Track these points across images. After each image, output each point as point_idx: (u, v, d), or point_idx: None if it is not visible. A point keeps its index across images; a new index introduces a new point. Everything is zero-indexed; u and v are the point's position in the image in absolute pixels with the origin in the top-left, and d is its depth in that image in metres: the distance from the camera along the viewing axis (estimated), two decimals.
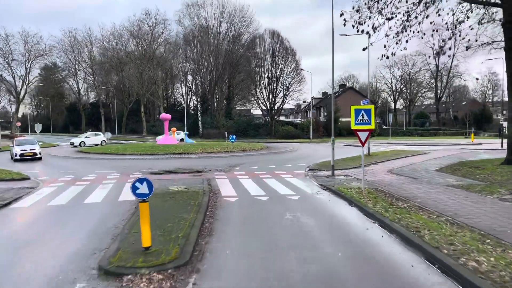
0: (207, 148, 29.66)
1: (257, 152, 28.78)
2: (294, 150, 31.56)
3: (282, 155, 27.91)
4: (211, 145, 32.33)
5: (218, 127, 60.28)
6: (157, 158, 24.91)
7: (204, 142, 37.02)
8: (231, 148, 29.72)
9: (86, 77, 75.52)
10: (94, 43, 72.01)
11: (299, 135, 55.32)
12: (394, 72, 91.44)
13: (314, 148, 35.46)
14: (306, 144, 41.68)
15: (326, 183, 14.55)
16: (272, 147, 34.75)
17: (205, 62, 62.70)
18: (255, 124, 60.24)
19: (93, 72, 73.91)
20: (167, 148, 29.38)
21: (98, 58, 72.36)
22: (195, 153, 27.18)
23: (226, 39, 63.58)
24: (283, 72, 54.76)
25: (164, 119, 34.83)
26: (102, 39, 69.49)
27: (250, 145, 33.87)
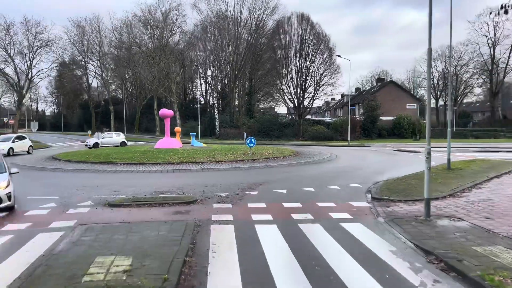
0: (216, 155, 22.15)
1: (284, 162, 21.03)
2: (334, 159, 23.62)
3: (319, 166, 20.04)
4: (223, 151, 24.82)
5: (238, 126, 52.89)
6: (142, 170, 17.56)
7: (216, 146, 29.51)
8: (249, 155, 22.11)
9: (95, 70, 69.53)
10: (103, 32, 65.98)
11: (332, 136, 47.18)
12: (436, 65, 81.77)
13: (358, 154, 27.40)
14: (344, 149, 33.58)
15: (432, 244, 6.92)
16: (303, 152, 26.95)
17: (224, 53, 55.37)
18: (280, 123, 52.45)
19: (101, 65, 67.82)
20: (164, 154, 22.07)
21: (108, 49, 66.21)
22: (199, 163, 19.71)
23: (248, 26, 56.04)
24: (314, 62, 46.75)
25: (163, 116, 27.47)
26: (112, 29, 63.28)
27: (274, 150, 26.19)
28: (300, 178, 15.53)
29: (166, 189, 13.05)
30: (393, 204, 10.95)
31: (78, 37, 64.03)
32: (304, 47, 46.10)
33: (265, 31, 55.78)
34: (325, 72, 46.68)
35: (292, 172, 17.40)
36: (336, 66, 47.12)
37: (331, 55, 46.55)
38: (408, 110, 56.36)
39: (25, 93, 59.49)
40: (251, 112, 55.37)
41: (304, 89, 47.53)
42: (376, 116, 49.92)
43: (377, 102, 50.40)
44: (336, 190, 13.04)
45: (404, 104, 57.05)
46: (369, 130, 49.35)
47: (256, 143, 22.54)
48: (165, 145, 25.83)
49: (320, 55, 46.35)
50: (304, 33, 45.74)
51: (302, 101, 48.60)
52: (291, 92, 48.42)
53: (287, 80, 48.19)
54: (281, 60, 48.62)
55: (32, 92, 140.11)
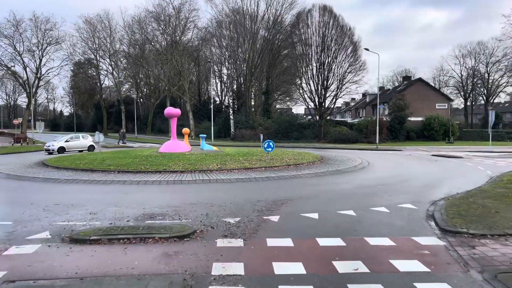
0: (228, 161, 18.92)
1: (308, 170, 17.65)
2: (366, 166, 20.10)
3: (353, 176, 16.59)
4: (237, 156, 21.59)
5: (254, 127, 49.68)
6: (137, 181, 14.45)
7: (229, 150, 26.26)
8: (267, 162, 18.81)
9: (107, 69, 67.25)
10: (114, 29, 63.66)
11: (357, 138, 43.45)
12: (465, 63, 76.93)
13: (392, 160, 23.78)
14: (373, 153, 29.93)
15: None
16: (328, 158, 23.51)
17: (239, 50, 52.24)
18: (299, 124, 48.96)
19: (111, 63, 65.52)
20: (168, 160, 18.97)
21: (119, 47, 63.85)
22: (207, 171, 16.51)
23: (265, 22, 52.79)
24: (336, 58, 43.09)
25: (169, 116, 24.29)
26: (124, 25, 60.86)
27: (295, 155, 22.84)
28: (333, 194, 12.17)
29: (158, 210, 9.90)
30: (477, 241, 7.51)
31: (89, 35, 61.88)
32: (326, 42, 42.51)
33: (283, 26, 52.42)
34: (349, 69, 43.01)
35: (321, 185, 14.02)
36: (361, 62, 43.43)
37: (356, 50, 42.88)
38: (438, 110, 52.17)
39: (34, 92, 57.55)
40: (268, 112, 52.08)
41: (326, 86, 43.91)
42: (405, 117, 45.95)
43: (405, 101, 46.42)
44: (385, 214, 9.64)
45: (434, 103, 52.87)
46: (396, 131, 45.43)
47: (275, 147, 19.18)
48: (170, 148, 22.73)
49: (344, 50, 42.70)
50: (327, 26, 42.14)
51: (324, 100, 44.98)
52: (312, 90, 44.90)
53: (307, 78, 44.74)
54: (301, 56, 45.14)
55: (49, 92, 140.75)
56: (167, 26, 53.44)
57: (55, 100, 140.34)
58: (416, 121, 48.84)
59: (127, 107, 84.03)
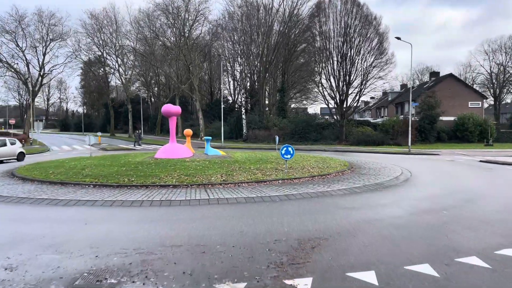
0: (236, 171, 15.11)
1: (339, 184, 13.73)
2: (409, 177, 16.04)
3: (398, 194, 12.60)
4: (248, 163, 17.75)
5: (268, 127, 45.87)
6: (111, 201, 10.73)
7: (239, 155, 22.35)
8: (285, 172, 14.95)
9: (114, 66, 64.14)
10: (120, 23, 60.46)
11: (382, 139, 39.19)
12: (495, 57, 71.60)
13: (438, 169, 19.60)
14: (408, 158, 25.75)
15: None
16: (358, 165, 19.52)
17: (253, 44, 48.39)
18: (317, 124, 44.85)
19: (117, 59, 62.33)
20: (162, 169, 15.26)
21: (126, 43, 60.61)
22: (207, 185, 12.74)
23: (280, 13, 48.88)
24: (360, 51, 38.89)
25: (168, 114, 20.36)
26: (130, 20, 57.58)
27: (318, 162, 18.94)
28: (384, 227, 8.18)
29: (117, 261, 6.13)
30: None
31: (94, 30, 58.82)
32: (348, 33, 38.34)
33: (300, 18, 48.36)
34: (374, 62, 38.75)
35: (362, 210, 10.05)
36: (388, 55, 39.08)
37: (382, 42, 38.56)
38: (470, 108, 47.45)
39: (37, 90, 54.83)
40: (284, 112, 48.14)
41: (349, 82, 39.70)
42: (436, 116, 41.43)
43: (436, 98, 41.89)
44: (487, 273, 5.65)
45: (466, 101, 48.16)
46: (426, 132, 40.95)
47: (294, 153, 15.25)
48: (168, 153, 18.98)
49: (368, 42, 38.46)
50: (349, 16, 37.96)
51: (346, 98, 40.79)
52: (332, 86, 40.70)
53: (327, 73, 40.60)
54: (320, 50, 41.04)
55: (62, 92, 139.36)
56: (176, 20, 49.92)
57: (68, 100, 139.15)
58: (447, 121, 44.24)
59: (137, 107, 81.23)
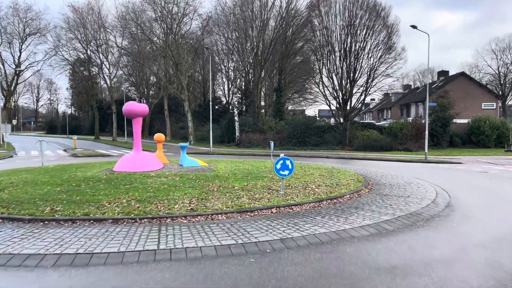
0: (214, 192, 10.92)
1: (356, 214, 9.64)
2: (448, 200, 11.90)
3: (452, 236, 8.45)
4: (232, 178, 13.55)
5: (264, 130, 41.72)
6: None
7: (223, 166, 17.96)
8: (281, 196, 10.77)
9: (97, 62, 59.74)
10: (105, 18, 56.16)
11: (391, 144, 35.09)
12: (504, 57, 67.82)
13: (472, 183, 15.42)
14: (427, 168, 21.60)
15: None
16: (374, 179, 15.39)
17: (247, 39, 44.25)
18: (317, 127, 40.70)
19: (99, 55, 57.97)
20: (109, 189, 11.07)
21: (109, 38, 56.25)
22: (164, 220, 8.55)
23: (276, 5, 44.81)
24: (366, 45, 34.81)
25: (130, 114, 15.50)
26: (117, 15, 53.30)
27: (323, 177, 14.82)
28: None
29: None
30: None
31: (77, 25, 54.48)
32: (353, 25, 34.27)
33: (298, 10, 44.33)
34: (382, 58, 34.68)
35: (416, 279, 5.83)
36: (397, 51, 35.01)
37: (390, 35, 34.50)
38: (484, 110, 43.48)
39: (13, 89, 50.45)
40: (280, 113, 43.99)
41: (353, 80, 35.60)
42: (449, 118, 37.37)
43: (450, 98, 37.86)
44: None
45: (479, 102, 44.17)
46: (438, 136, 36.88)
47: (293, 167, 11.03)
48: (130, 165, 14.67)
49: (376, 35, 34.41)
50: (355, 4, 33.92)
51: (350, 97, 36.68)
52: (335, 84, 36.58)
53: (328, 70, 36.45)
54: (321, 44, 36.94)
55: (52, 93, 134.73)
56: (163, 13, 45.70)
57: (59, 101, 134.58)
58: (459, 124, 40.24)
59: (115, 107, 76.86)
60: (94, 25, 54.14)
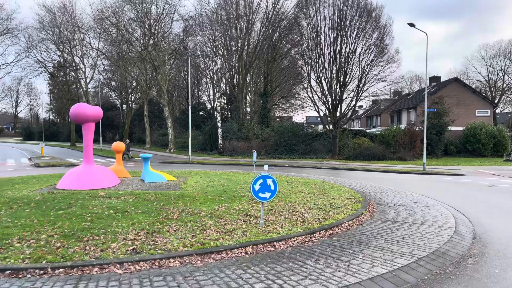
0: (172, 219, 8.35)
1: (361, 256, 7.30)
2: (474, 229, 9.49)
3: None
4: (201, 199, 10.99)
5: (249, 138, 39.25)
6: None
7: (194, 181, 15.23)
8: (260, 227, 8.23)
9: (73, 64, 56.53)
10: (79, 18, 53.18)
11: (383, 153, 32.92)
12: (493, 62, 66.89)
13: (492, 202, 13.05)
14: (429, 181, 19.32)
15: None
16: (374, 197, 13.01)
17: (231, 39, 41.83)
18: (306, 134, 38.35)
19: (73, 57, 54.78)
20: (39, 214, 8.46)
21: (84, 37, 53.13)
22: (91, 268, 5.93)
23: (262, 6, 42.65)
24: (357, 47, 32.69)
25: (79, 119, 12.34)
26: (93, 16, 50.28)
27: (315, 197, 12.45)
28: None
29: None
30: None
31: (52, 26, 51.34)
32: (343, 25, 32.14)
33: (285, 12, 42.16)
34: (374, 61, 32.56)
35: None
36: (390, 54, 32.96)
37: (383, 37, 32.46)
38: (478, 117, 41.79)
39: None
40: (266, 120, 41.56)
41: (343, 84, 33.39)
42: (444, 125, 35.45)
43: (444, 105, 35.96)
44: None
45: (473, 109, 42.50)
46: (433, 144, 34.87)
47: (276, 188, 8.49)
48: (77, 182, 11.92)
49: (367, 37, 32.31)
50: (345, 3, 31.80)
51: (340, 103, 34.45)
52: (324, 89, 34.30)
53: (317, 73, 34.15)
54: (309, 46, 34.71)
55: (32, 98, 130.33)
56: (141, 13, 42.97)
57: (39, 106, 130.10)
58: (454, 131, 38.37)
59: (106, 113, 73.87)
60: (68, 25, 51.14)
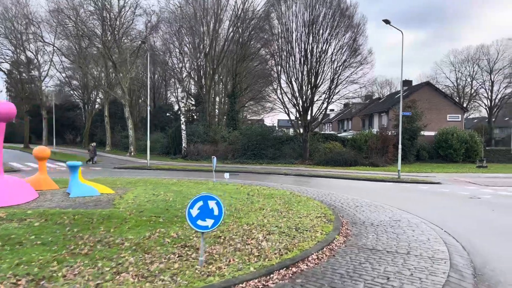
0: (84, 251, 6.04)
1: None
2: (468, 258, 7.64)
3: None
4: (134, 217, 8.70)
5: (216, 141, 36.98)
6: None
7: (134, 194, 12.76)
8: (199, 266, 6.02)
9: (21, 59, 52.47)
10: (32, 11, 49.33)
11: (355, 158, 31.48)
12: (462, 68, 67.52)
13: (481, 217, 11.36)
14: (404, 190, 17.71)
15: None
16: (349, 214, 11.10)
17: (197, 36, 39.47)
18: (275, 138, 36.44)
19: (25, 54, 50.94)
20: None
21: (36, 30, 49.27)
22: None
23: (231, 4, 40.59)
24: (329, 47, 31.12)
25: None
26: (48, 8, 46.52)
27: (277, 213, 10.35)
28: None
29: None
30: None
31: (1, 18, 47.25)
32: (316, 24, 30.46)
33: (255, 10, 40.25)
34: (346, 62, 31.07)
35: None
36: (363, 55, 31.54)
37: (356, 37, 31.02)
38: (449, 122, 41.21)
39: None
40: (234, 122, 39.39)
41: (315, 85, 31.71)
42: (416, 130, 34.45)
43: (417, 109, 34.96)
44: None
45: (445, 114, 41.90)
46: (405, 150, 33.73)
47: (223, 212, 6.36)
48: None
49: (340, 36, 30.79)
50: (317, 2, 30.10)
51: (311, 105, 32.74)
52: (295, 90, 32.49)
53: (287, 74, 32.33)
54: (280, 46, 32.87)
55: None
56: (100, 2, 39.71)
57: None
58: (426, 136, 37.52)
59: (66, 114, 69.73)
60: (19, 17, 47.31)
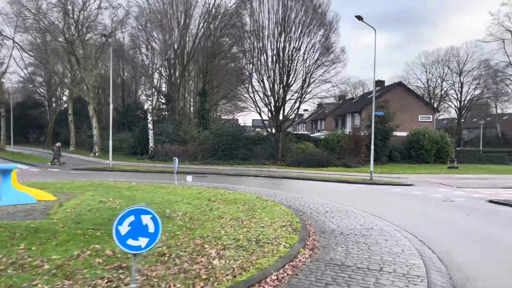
0: None
1: None
2: (446, 274, 6.80)
3: None
4: (74, 226, 7.50)
5: (185, 141, 35.64)
6: None
7: (75, 202, 11.19)
8: None
9: None
10: None
11: (328, 159, 30.87)
12: (433, 70, 68.62)
13: (460, 224, 10.66)
14: (375, 192, 17.02)
15: None
16: (317, 220, 10.19)
17: (165, 31, 37.95)
18: (247, 138, 35.42)
19: None
20: None
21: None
22: None
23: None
24: (301, 45, 30.35)
25: None
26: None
27: (237, 222, 9.38)
28: None
29: None
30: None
31: None
32: (288, 21, 29.62)
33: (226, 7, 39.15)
34: (319, 61, 30.38)
35: None
36: (336, 53, 30.92)
37: (329, 35, 30.38)
38: (421, 123, 41.33)
39: None
40: (205, 121, 38.10)
41: (287, 84, 30.88)
42: (389, 131, 34.22)
43: (389, 109, 34.73)
44: None
45: (416, 114, 42.01)
46: (378, 150, 33.37)
47: (160, 231, 5.25)
48: None
49: (312, 34, 30.05)
50: (287, 3, 29.21)
51: (283, 104, 31.90)
52: (266, 89, 31.56)
53: (259, 72, 31.37)
54: (251, 42, 31.87)
55: None
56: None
57: None
58: (399, 136, 37.41)
59: (30, 112, 66.60)
60: None
